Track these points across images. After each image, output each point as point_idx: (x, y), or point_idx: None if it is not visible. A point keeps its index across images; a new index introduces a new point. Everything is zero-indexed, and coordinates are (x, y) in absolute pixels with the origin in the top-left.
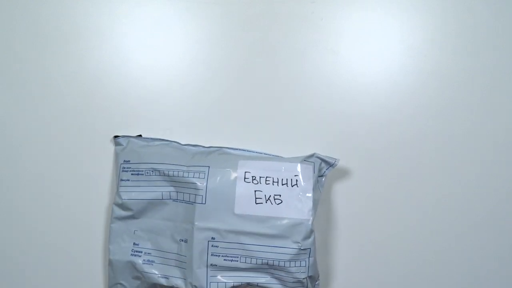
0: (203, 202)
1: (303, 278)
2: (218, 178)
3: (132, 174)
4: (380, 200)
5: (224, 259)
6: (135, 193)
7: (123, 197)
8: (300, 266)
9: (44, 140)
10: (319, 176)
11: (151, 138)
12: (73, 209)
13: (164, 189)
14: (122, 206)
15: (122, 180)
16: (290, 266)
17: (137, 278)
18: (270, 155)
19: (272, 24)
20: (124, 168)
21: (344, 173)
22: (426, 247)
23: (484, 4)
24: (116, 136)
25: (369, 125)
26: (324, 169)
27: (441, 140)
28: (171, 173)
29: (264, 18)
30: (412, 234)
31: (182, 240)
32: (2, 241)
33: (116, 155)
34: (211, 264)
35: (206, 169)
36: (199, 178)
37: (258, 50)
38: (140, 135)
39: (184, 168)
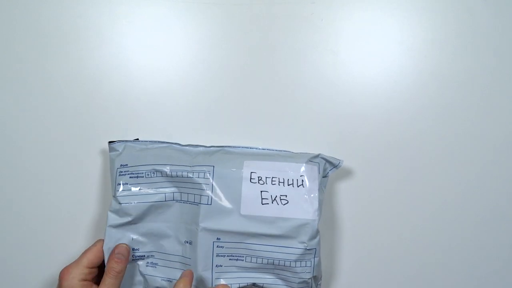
0: (209, 203)
1: (308, 278)
2: (223, 178)
3: (130, 177)
4: (382, 200)
5: (230, 259)
6: (134, 197)
7: (121, 202)
8: (306, 266)
9: (43, 141)
10: (323, 177)
11: (150, 141)
12: (72, 211)
13: (167, 190)
14: (120, 212)
15: (119, 184)
16: (296, 266)
17: (138, 283)
18: (274, 150)
19: (272, 25)
20: (121, 172)
21: (345, 174)
22: (429, 247)
23: (484, 4)
24: (111, 142)
25: (369, 126)
26: (328, 170)
27: (443, 140)
28: (174, 173)
29: (264, 19)
30: (415, 234)
31: (187, 242)
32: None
33: (111, 161)
34: (216, 265)
35: (210, 168)
36: (204, 178)
37: (258, 51)
38: (137, 139)
39: (188, 168)
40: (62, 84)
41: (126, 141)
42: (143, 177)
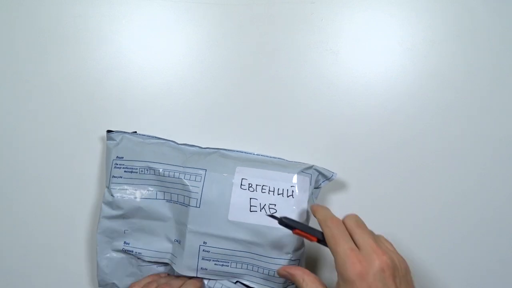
0: (197, 205)
1: None
2: (214, 183)
3: (125, 171)
4: (379, 205)
5: (215, 264)
6: (127, 191)
7: (114, 194)
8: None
9: (42, 141)
10: (315, 188)
11: (147, 136)
12: (70, 210)
13: (159, 189)
14: (112, 205)
15: (114, 177)
16: (279, 276)
17: (131, 274)
18: (269, 156)
19: (272, 25)
20: (117, 164)
21: (343, 174)
22: (424, 258)
23: (484, 5)
24: (109, 131)
25: (369, 126)
26: (320, 182)
27: (442, 142)
28: (166, 173)
29: (264, 19)
30: (410, 241)
31: (176, 241)
32: None
33: (108, 150)
34: (201, 268)
35: (203, 172)
36: (195, 181)
37: (258, 51)
38: (135, 132)
39: (180, 169)
40: (62, 84)
41: (124, 132)
42: (137, 173)
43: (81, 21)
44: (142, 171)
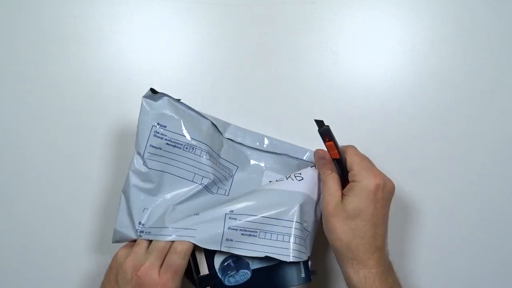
0: (226, 194)
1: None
2: (243, 176)
3: (167, 143)
4: None
5: (242, 234)
6: (164, 165)
7: (149, 166)
8: (300, 244)
9: (42, 141)
10: None
11: (190, 108)
12: (71, 209)
13: (196, 171)
14: (143, 176)
15: (152, 146)
16: (289, 242)
17: None
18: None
19: (272, 25)
20: (158, 133)
21: None
22: (424, 256)
23: (484, 5)
24: (153, 91)
25: (369, 126)
26: None
27: (442, 142)
28: (208, 157)
29: (264, 19)
30: (410, 241)
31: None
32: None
33: (146, 112)
34: (226, 239)
35: (234, 168)
36: (228, 174)
37: (258, 51)
38: (179, 100)
39: (219, 159)
40: (62, 84)
41: (170, 97)
42: (180, 149)
43: (81, 21)
44: (186, 148)
